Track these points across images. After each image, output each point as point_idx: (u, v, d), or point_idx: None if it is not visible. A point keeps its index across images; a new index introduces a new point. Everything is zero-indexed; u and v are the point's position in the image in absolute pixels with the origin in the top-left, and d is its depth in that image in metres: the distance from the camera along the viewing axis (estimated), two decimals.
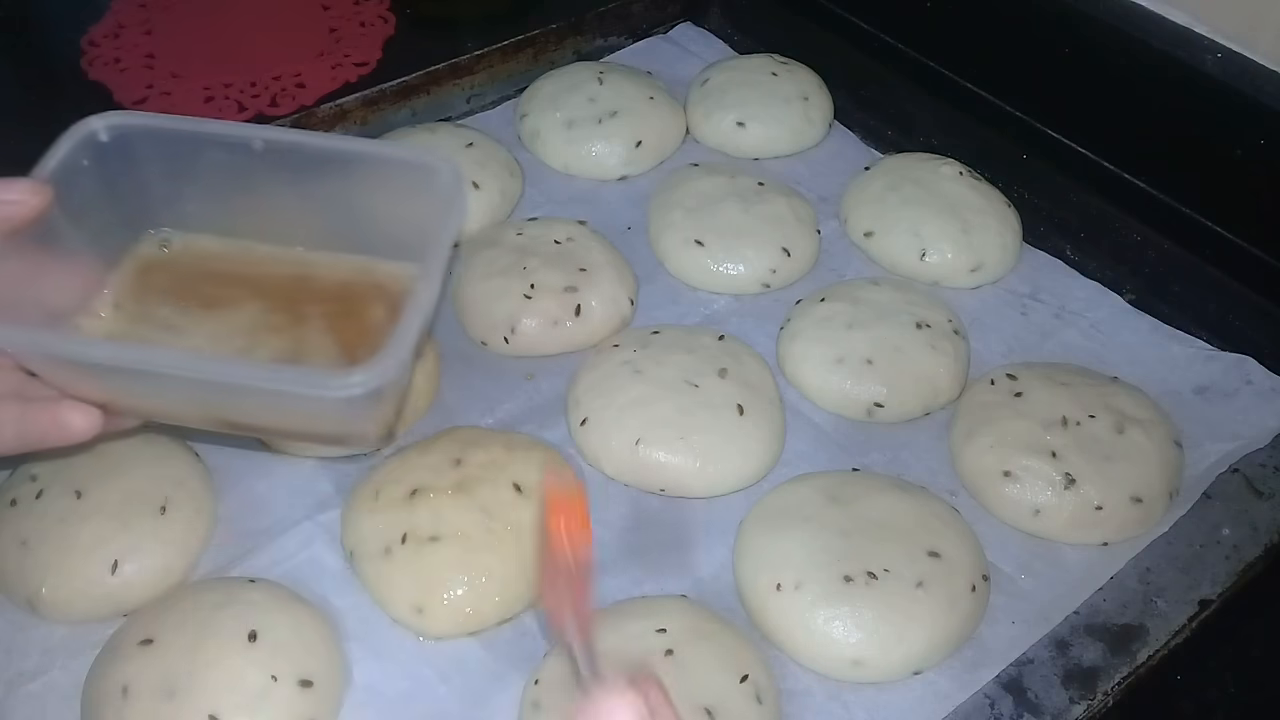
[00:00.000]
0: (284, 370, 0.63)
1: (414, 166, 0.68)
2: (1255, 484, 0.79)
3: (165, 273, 0.71)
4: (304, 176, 0.70)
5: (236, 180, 0.70)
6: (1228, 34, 0.86)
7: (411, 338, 0.59)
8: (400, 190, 0.68)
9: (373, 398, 0.58)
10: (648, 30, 1.21)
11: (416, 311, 0.60)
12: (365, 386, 0.57)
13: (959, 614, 0.69)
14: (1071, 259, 0.96)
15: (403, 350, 0.58)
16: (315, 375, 0.59)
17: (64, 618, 0.70)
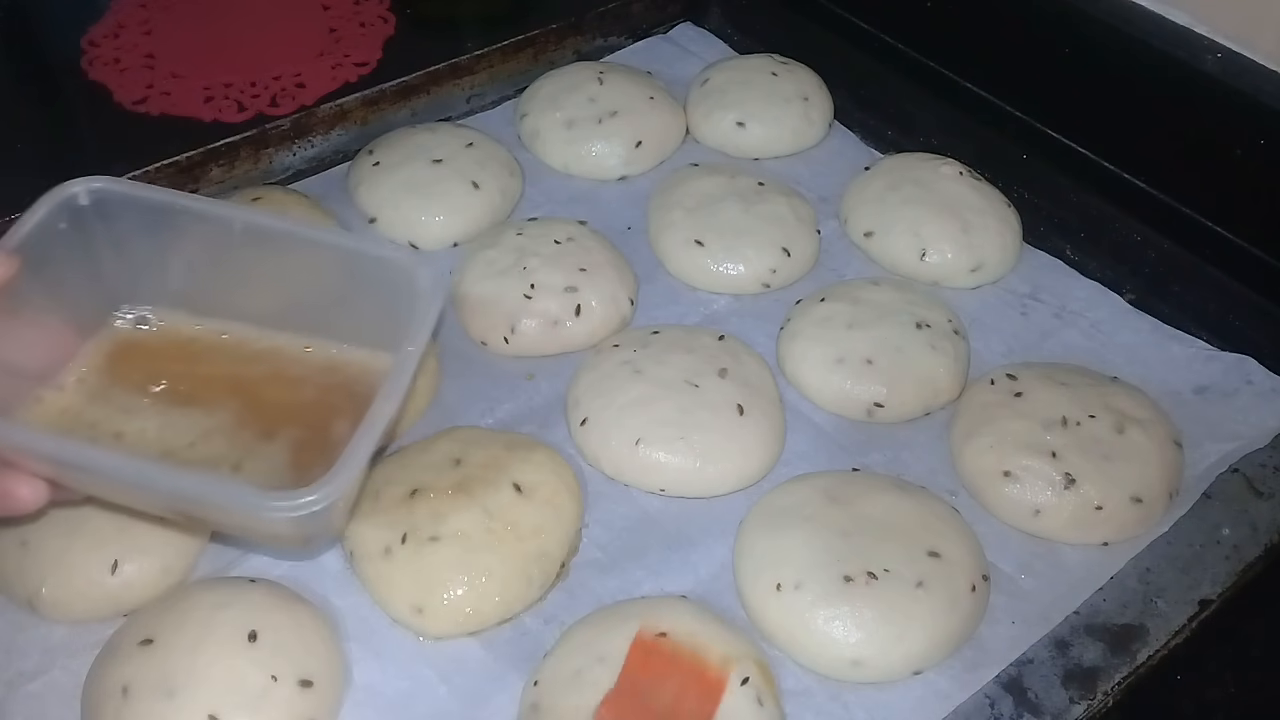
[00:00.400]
0: (228, 485, 0.63)
1: (395, 266, 0.69)
2: (1255, 484, 0.79)
3: (137, 352, 0.71)
4: (283, 260, 0.70)
5: (216, 257, 0.70)
6: (1228, 34, 0.86)
7: (362, 458, 0.59)
8: (380, 286, 0.69)
9: (319, 514, 0.58)
10: (648, 30, 1.21)
11: (370, 431, 0.60)
12: (311, 509, 0.57)
13: (959, 614, 0.69)
14: (1071, 259, 0.96)
15: (351, 470, 0.58)
16: (261, 495, 0.58)
17: (64, 618, 0.70)
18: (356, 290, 0.70)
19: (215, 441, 0.68)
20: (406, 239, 0.96)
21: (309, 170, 1.04)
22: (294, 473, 0.66)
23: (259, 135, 1.01)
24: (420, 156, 0.98)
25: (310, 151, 1.05)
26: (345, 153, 1.05)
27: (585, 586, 0.73)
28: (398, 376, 0.63)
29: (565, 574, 0.74)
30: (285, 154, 1.04)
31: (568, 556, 0.74)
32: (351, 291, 0.70)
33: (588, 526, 0.76)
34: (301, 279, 0.71)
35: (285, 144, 1.03)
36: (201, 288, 0.72)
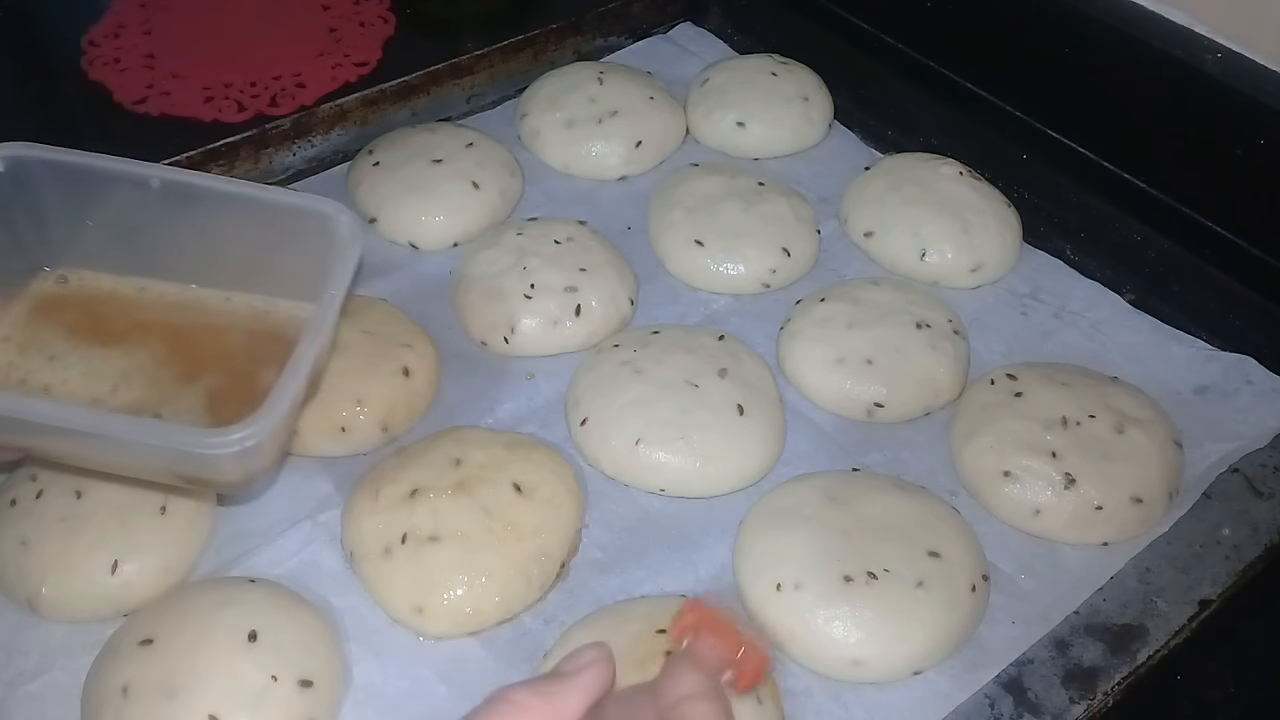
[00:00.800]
0: (162, 427, 0.64)
1: (311, 214, 0.70)
2: (1255, 484, 0.79)
3: (60, 306, 0.72)
4: (203, 216, 0.71)
5: (136, 217, 0.71)
6: (1228, 34, 0.86)
7: (290, 396, 0.61)
8: (298, 235, 0.70)
9: (249, 453, 0.59)
10: (648, 30, 1.21)
11: (297, 370, 0.62)
12: (244, 444, 0.58)
13: (959, 614, 0.69)
14: (1071, 259, 0.96)
15: (280, 408, 0.60)
16: (196, 433, 0.60)
17: (64, 618, 0.70)
18: (278, 242, 0.71)
19: (135, 384, 0.69)
20: (406, 239, 0.96)
21: (309, 170, 1.04)
22: (210, 418, 0.67)
23: (259, 135, 1.01)
24: (420, 156, 0.98)
25: (310, 151, 1.05)
26: (345, 153, 1.05)
27: (585, 586, 0.73)
28: (320, 320, 0.64)
29: (565, 574, 0.74)
30: (285, 154, 1.04)
31: (568, 556, 0.74)
32: (273, 243, 0.71)
33: (588, 526, 0.76)
34: (223, 234, 0.72)
35: (285, 144, 1.03)
36: (123, 247, 0.74)
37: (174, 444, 0.60)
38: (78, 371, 0.70)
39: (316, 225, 0.69)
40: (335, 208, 0.69)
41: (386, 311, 0.86)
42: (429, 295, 0.91)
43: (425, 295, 0.91)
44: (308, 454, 0.79)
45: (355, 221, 0.69)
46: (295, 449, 0.79)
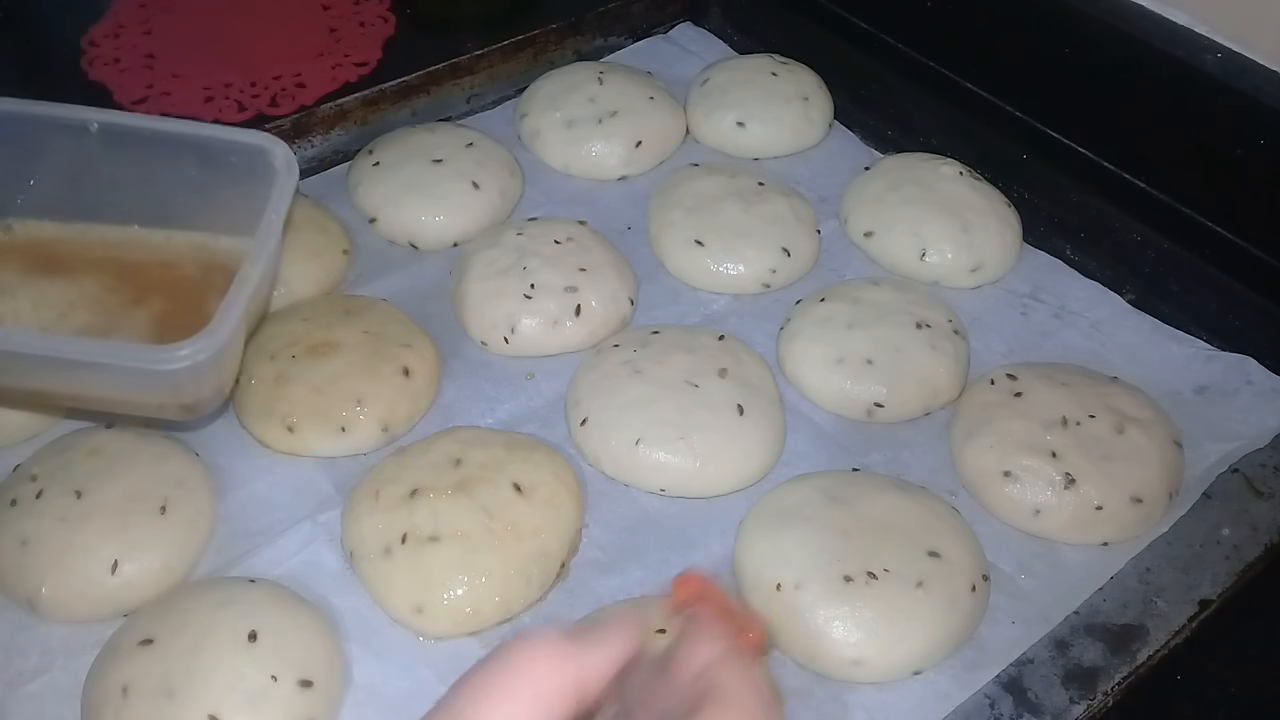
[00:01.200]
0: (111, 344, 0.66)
1: (246, 148, 0.72)
2: (1255, 484, 0.79)
3: (7, 252, 0.75)
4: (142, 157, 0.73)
5: (78, 163, 0.74)
6: (1228, 34, 0.86)
7: (236, 314, 0.63)
8: (235, 170, 0.72)
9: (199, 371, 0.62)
10: (648, 30, 1.21)
11: (241, 288, 0.64)
12: (191, 359, 0.61)
13: (959, 614, 0.69)
14: (1071, 259, 0.96)
15: (226, 326, 0.63)
16: (145, 348, 0.63)
17: (64, 618, 0.70)
18: (217, 179, 0.73)
19: (83, 311, 0.71)
20: (406, 239, 0.96)
21: (309, 170, 1.03)
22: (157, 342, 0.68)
23: None
24: (420, 156, 0.98)
25: (310, 151, 1.05)
26: (345, 153, 1.05)
27: (585, 586, 0.73)
28: (261, 244, 0.67)
29: (565, 574, 0.74)
30: None
31: (568, 556, 0.74)
32: (212, 180, 0.74)
33: (588, 526, 0.76)
34: (163, 173, 0.74)
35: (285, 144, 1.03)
36: (67, 193, 0.76)
37: (121, 360, 0.62)
38: (27, 301, 0.72)
39: (252, 159, 0.72)
40: (269, 140, 0.73)
41: (386, 311, 0.86)
42: (429, 295, 0.92)
43: (425, 295, 0.91)
44: (308, 454, 0.79)
45: (289, 154, 0.72)
46: (295, 449, 0.79)
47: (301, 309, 0.86)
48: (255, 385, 0.80)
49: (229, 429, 0.81)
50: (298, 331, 0.83)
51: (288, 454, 0.79)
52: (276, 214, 0.69)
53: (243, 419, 0.81)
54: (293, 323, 0.84)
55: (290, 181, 0.71)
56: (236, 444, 0.80)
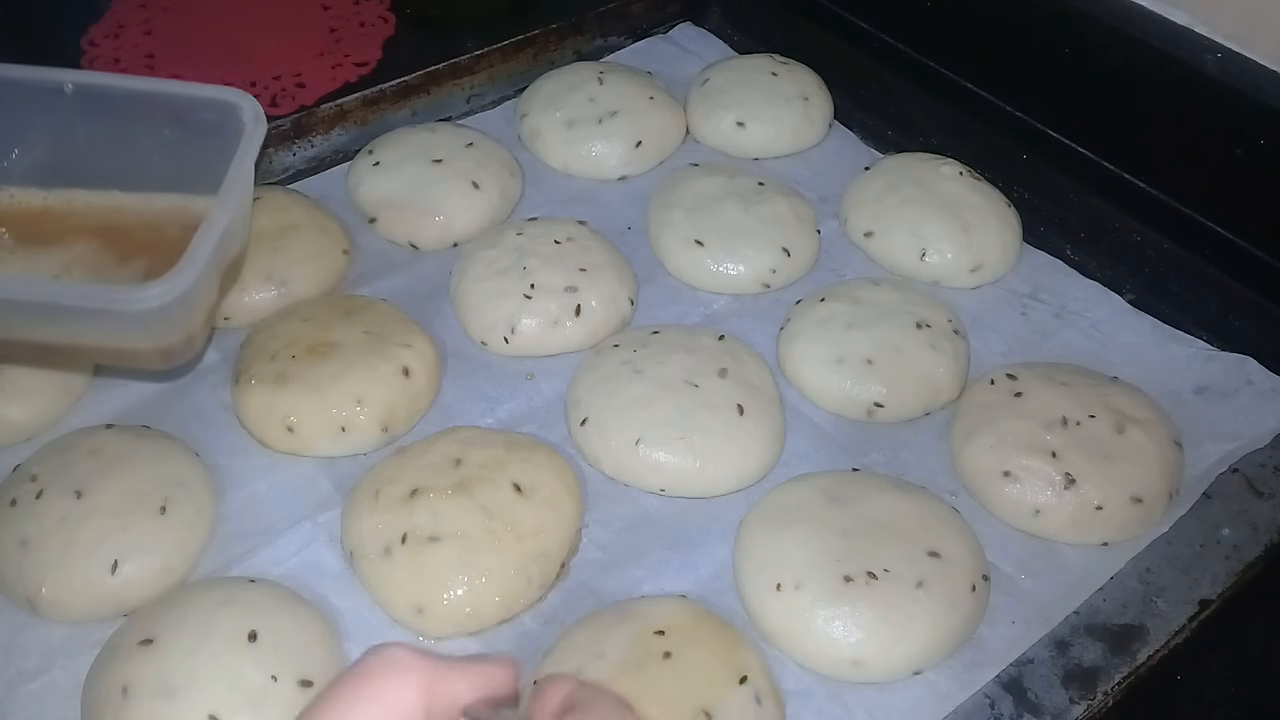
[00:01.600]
0: (81, 285, 0.68)
1: (215, 104, 0.74)
2: (1255, 484, 0.79)
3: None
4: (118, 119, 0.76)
5: (55, 127, 0.76)
6: (1228, 34, 0.86)
7: (203, 256, 0.65)
8: (207, 127, 0.74)
9: (169, 313, 0.64)
10: (648, 30, 1.21)
11: (208, 233, 0.67)
12: (160, 300, 0.63)
13: (959, 614, 0.69)
14: (1071, 259, 0.96)
15: (194, 267, 0.65)
16: (112, 291, 0.65)
17: (64, 618, 0.70)
18: (189, 138, 0.75)
19: (76, 273, 0.73)
20: (406, 239, 0.96)
21: (309, 170, 1.04)
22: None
23: None
24: (420, 156, 0.98)
25: (310, 151, 1.05)
26: (345, 153, 1.05)
27: (585, 586, 0.73)
28: (228, 189, 0.69)
29: (565, 574, 0.74)
30: (285, 154, 1.04)
31: (568, 556, 0.74)
32: (185, 139, 0.76)
33: (588, 526, 0.76)
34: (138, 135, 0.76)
35: (285, 144, 1.03)
36: (46, 159, 0.78)
37: (91, 302, 0.64)
38: (18, 268, 0.73)
39: (222, 115, 0.74)
40: (238, 95, 0.74)
41: (386, 311, 0.86)
42: (429, 295, 0.92)
43: (425, 295, 0.91)
44: (308, 454, 0.79)
45: (257, 107, 0.74)
46: (295, 449, 0.79)
47: (301, 309, 0.86)
48: (255, 385, 0.80)
49: (229, 429, 0.81)
50: (298, 331, 0.83)
51: (288, 454, 0.79)
52: (243, 163, 0.71)
53: (243, 419, 0.81)
54: (293, 323, 0.84)
55: (259, 133, 0.73)
56: (236, 444, 0.80)
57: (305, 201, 0.96)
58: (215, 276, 0.72)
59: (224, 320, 0.87)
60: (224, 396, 0.83)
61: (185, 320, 0.69)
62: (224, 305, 0.87)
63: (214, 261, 0.68)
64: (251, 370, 0.81)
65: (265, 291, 0.88)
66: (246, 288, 0.87)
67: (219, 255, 0.69)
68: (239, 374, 0.82)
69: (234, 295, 0.87)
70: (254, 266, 0.88)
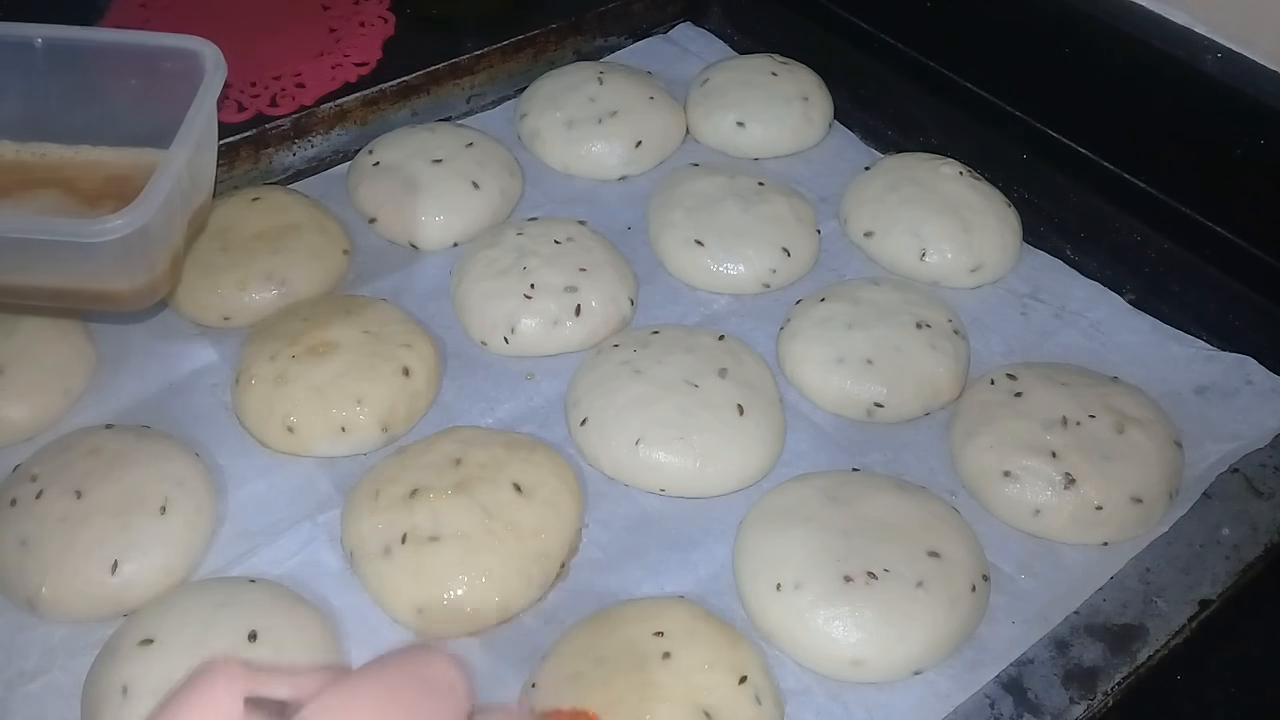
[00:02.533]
0: (43, 221, 0.71)
1: (178, 52, 0.78)
2: (1255, 484, 0.79)
3: None
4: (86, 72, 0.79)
5: (26, 81, 0.79)
6: (1228, 34, 0.86)
7: (162, 191, 0.68)
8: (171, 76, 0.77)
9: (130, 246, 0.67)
10: (648, 30, 1.21)
11: (167, 169, 0.69)
12: (121, 231, 0.66)
13: (959, 614, 0.69)
14: (1071, 259, 0.96)
15: (153, 199, 0.67)
16: (74, 224, 0.67)
17: (64, 618, 0.70)
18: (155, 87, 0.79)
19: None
20: (406, 239, 0.96)
21: (309, 170, 1.04)
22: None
23: (259, 135, 1.01)
24: (420, 156, 0.98)
25: (310, 151, 1.05)
26: (345, 153, 1.05)
27: (585, 586, 0.73)
28: (187, 128, 0.72)
29: (565, 574, 0.74)
30: (285, 154, 1.04)
31: (568, 556, 0.74)
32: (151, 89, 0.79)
33: (588, 526, 0.76)
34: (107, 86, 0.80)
35: (285, 144, 1.03)
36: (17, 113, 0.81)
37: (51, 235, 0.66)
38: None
39: (186, 63, 0.77)
40: (199, 42, 0.78)
41: (386, 311, 0.86)
42: (429, 295, 0.92)
43: (425, 295, 0.91)
44: (308, 454, 0.79)
45: (218, 54, 0.78)
46: (295, 449, 0.79)
47: (301, 309, 0.86)
48: (255, 385, 0.80)
49: (229, 429, 0.81)
50: (298, 331, 0.83)
51: (288, 454, 0.79)
52: (202, 105, 0.74)
53: (243, 419, 0.81)
54: (293, 323, 0.84)
55: (218, 78, 0.76)
56: (236, 444, 0.80)
57: (305, 201, 0.96)
58: (180, 218, 0.75)
59: (224, 320, 0.88)
60: (224, 396, 0.83)
61: (147, 256, 0.71)
62: (224, 305, 0.87)
63: (176, 199, 0.71)
64: (251, 370, 0.81)
65: (265, 291, 0.88)
66: (246, 288, 0.87)
67: (182, 196, 0.72)
68: (239, 374, 0.82)
69: (234, 295, 0.87)
70: (254, 266, 0.88)
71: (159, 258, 0.73)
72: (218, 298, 0.87)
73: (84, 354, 0.84)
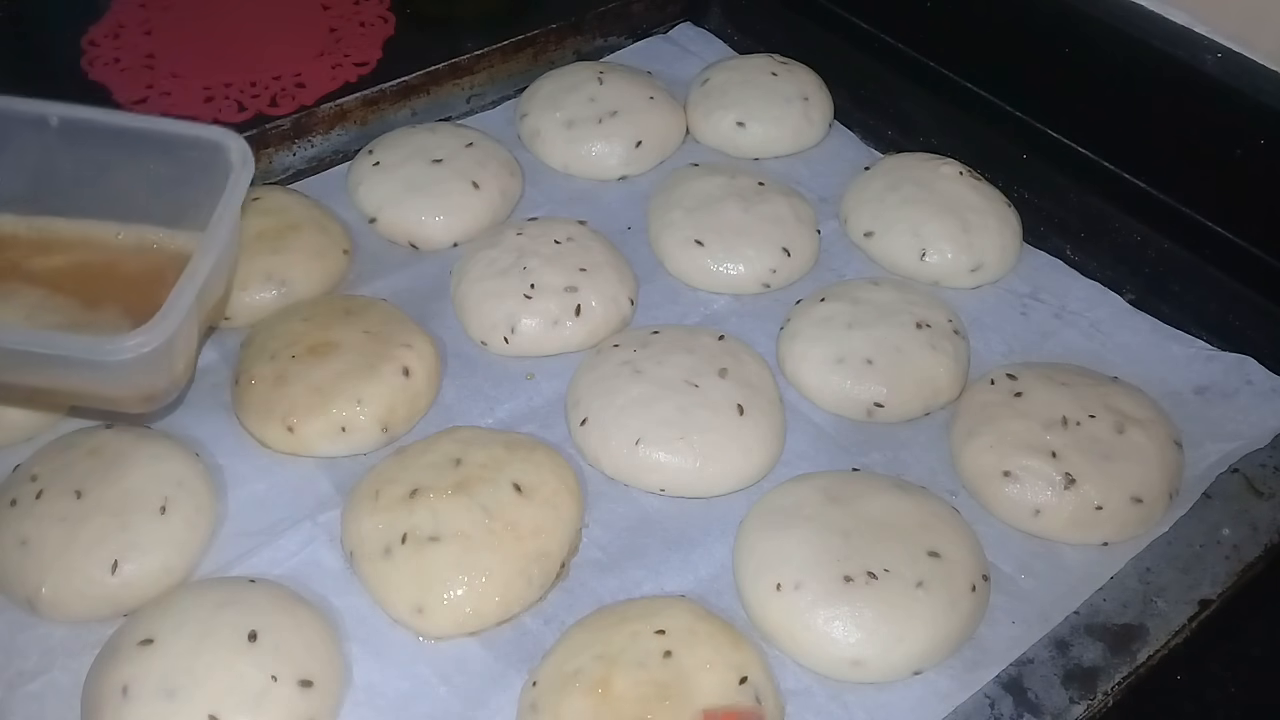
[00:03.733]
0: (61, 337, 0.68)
1: (203, 142, 0.74)
2: (1255, 484, 0.79)
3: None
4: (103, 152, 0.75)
5: (37, 157, 0.76)
6: (1228, 34, 0.86)
7: (184, 304, 0.65)
8: (194, 164, 0.74)
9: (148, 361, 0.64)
10: (648, 30, 1.21)
11: (191, 280, 0.66)
12: (137, 351, 0.63)
13: (959, 614, 0.69)
14: (1071, 259, 0.96)
15: (174, 315, 0.64)
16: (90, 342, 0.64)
17: (64, 618, 0.70)
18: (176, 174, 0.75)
19: (45, 317, 0.73)
20: (406, 239, 0.96)
21: (309, 170, 1.04)
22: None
23: (259, 135, 1.01)
24: (420, 156, 0.98)
25: (310, 151, 1.05)
26: (345, 153, 1.05)
27: (585, 586, 0.73)
28: (213, 233, 0.68)
29: (565, 574, 0.74)
30: (285, 154, 1.04)
31: (568, 556, 0.74)
32: (171, 176, 0.75)
33: (588, 526, 0.76)
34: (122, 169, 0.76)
35: (285, 144, 1.03)
36: (27, 188, 0.78)
37: (71, 352, 0.64)
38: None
39: (211, 154, 0.74)
40: (226, 135, 0.74)
41: (386, 311, 0.86)
42: (429, 295, 0.92)
43: (425, 295, 0.91)
44: (308, 454, 0.79)
45: (245, 148, 0.73)
46: (295, 449, 0.79)
47: (301, 309, 0.86)
48: (255, 385, 0.80)
49: (229, 429, 0.81)
50: (298, 331, 0.83)
51: (288, 454, 0.79)
52: (229, 207, 0.70)
53: (243, 419, 0.81)
54: (293, 323, 0.84)
55: (245, 175, 0.72)
56: (236, 444, 0.80)
57: (305, 201, 0.96)
58: (196, 321, 0.72)
59: (224, 320, 0.87)
60: (224, 396, 0.83)
61: (166, 367, 0.69)
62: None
63: (195, 308, 0.68)
64: (251, 370, 0.81)
65: (265, 291, 0.88)
66: (246, 288, 0.87)
67: (200, 300, 0.69)
68: (239, 374, 0.82)
69: (234, 295, 0.87)
70: (254, 266, 0.88)
71: (176, 366, 0.71)
72: None
73: None
